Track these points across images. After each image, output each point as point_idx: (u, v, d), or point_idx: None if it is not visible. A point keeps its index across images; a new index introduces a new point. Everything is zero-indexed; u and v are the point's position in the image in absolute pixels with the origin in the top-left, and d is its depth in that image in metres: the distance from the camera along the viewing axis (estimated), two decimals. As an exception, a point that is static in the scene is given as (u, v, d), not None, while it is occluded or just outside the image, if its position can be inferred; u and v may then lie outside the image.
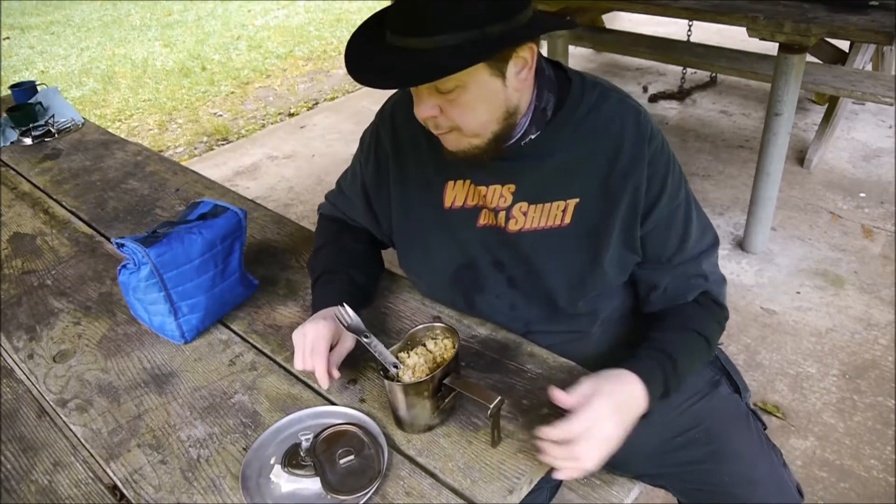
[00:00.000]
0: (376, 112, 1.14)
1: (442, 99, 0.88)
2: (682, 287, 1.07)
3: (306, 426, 0.93)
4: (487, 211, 1.03)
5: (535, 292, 1.05)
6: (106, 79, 5.43)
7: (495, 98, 0.89)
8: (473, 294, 1.09)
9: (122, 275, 1.10)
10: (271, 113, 4.58)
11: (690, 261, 1.05)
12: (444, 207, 1.05)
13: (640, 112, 0.99)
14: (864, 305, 2.37)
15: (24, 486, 0.90)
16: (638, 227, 0.99)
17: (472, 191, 1.03)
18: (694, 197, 1.06)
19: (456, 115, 0.90)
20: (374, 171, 1.12)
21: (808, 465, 1.82)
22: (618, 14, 4.92)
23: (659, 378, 0.96)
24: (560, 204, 0.99)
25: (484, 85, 0.87)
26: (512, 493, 0.82)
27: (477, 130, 0.92)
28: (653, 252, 1.03)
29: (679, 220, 1.02)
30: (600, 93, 0.99)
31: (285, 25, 6.63)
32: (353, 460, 0.86)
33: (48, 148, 1.91)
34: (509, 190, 1.00)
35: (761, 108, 3.81)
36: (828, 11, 2.23)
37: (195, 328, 1.12)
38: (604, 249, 1.00)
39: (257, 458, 0.89)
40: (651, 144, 0.97)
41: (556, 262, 1.01)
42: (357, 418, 0.93)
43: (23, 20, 7.45)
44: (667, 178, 0.98)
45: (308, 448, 0.86)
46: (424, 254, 1.10)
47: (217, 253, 1.13)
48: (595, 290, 1.03)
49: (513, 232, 1.01)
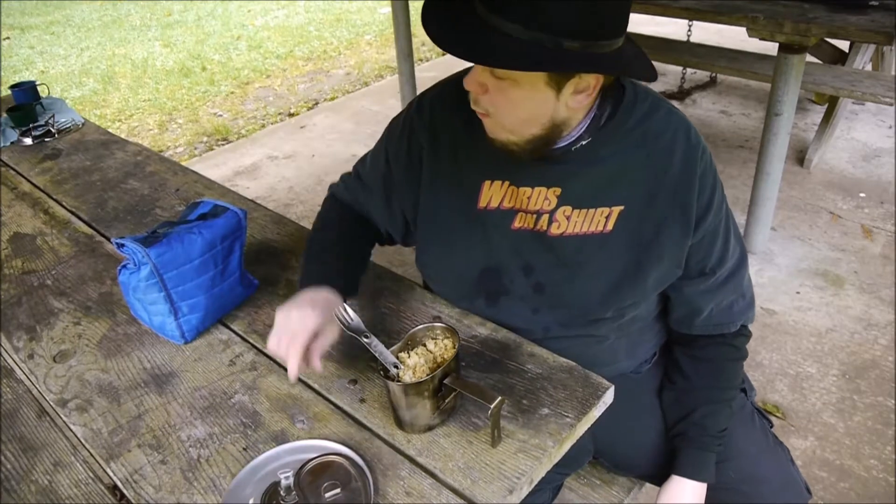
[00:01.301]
0: (408, 104, 1.11)
1: (493, 82, 0.86)
2: (725, 315, 1.10)
3: (284, 463, 0.89)
4: (525, 214, 1.01)
5: (564, 297, 1.03)
6: (106, 79, 5.43)
7: (542, 106, 0.87)
8: (498, 296, 1.07)
9: (121, 275, 1.10)
10: (271, 113, 4.58)
11: (730, 277, 1.06)
12: (478, 208, 1.03)
13: (691, 127, 0.99)
14: (863, 305, 2.37)
15: (25, 486, 0.90)
16: (690, 238, 0.99)
17: (510, 192, 1.01)
18: (729, 207, 1.07)
19: (497, 103, 0.88)
20: (405, 161, 1.09)
21: (807, 465, 1.82)
22: (618, 14, 4.91)
23: (711, 462, 1.11)
24: (604, 210, 0.98)
25: (536, 90, 0.85)
26: (512, 493, 0.82)
27: (512, 127, 0.90)
28: (696, 265, 1.03)
29: (721, 231, 1.03)
30: (651, 103, 0.98)
31: (285, 25, 6.63)
32: (339, 494, 0.82)
33: (48, 148, 1.91)
34: (554, 193, 0.98)
35: (761, 108, 3.81)
36: (828, 11, 2.23)
37: (195, 328, 1.12)
38: (650, 262, 0.99)
39: (235, 498, 0.85)
40: (702, 161, 0.97)
41: (594, 268, 1.00)
42: (340, 451, 0.88)
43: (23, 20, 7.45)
44: (714, 192, 0.99)
45: (289, 485, 0.82)
46: (449, 253, 1.08)
47: (217, 253, 1.13)
48: (630, 300, 1.03)
49: (554, 236, 1.00)
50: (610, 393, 0.95)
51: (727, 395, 1.12)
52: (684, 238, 0.99)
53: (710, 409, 1.11)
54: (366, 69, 5.28)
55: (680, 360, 1.15)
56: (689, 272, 1.04)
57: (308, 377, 1.03)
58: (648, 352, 1.19)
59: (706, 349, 1.12)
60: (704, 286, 1.05)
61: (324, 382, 1.02)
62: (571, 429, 0.89)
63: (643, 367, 1.20)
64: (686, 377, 1.14)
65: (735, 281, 1.07)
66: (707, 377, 1.12)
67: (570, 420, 0.90)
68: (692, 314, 1.08)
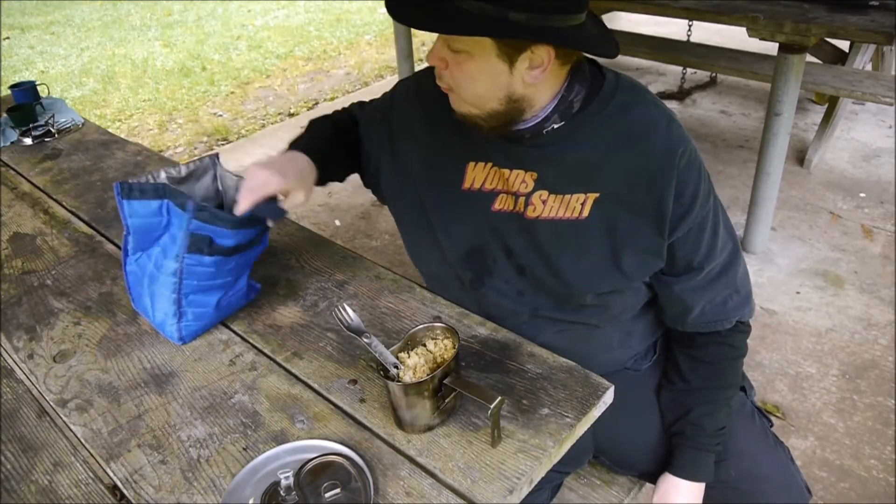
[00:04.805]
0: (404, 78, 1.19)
1: (451, 56, 0.91)
2: (719, 312, 1.08)
3: (284, 463, 0.89)
4: (506, 195, 1.03)
5: (545, 281, 1.05)
6: (106, 79, 5.43)
7: (497, 80, 0.90)
8: (483, 276, 1.09)
9: (132, 263, 1.09)
10: (271, 113, 4.58)
11: (722, 273, 1.05)
12: (463, 188, 1.05)
13: (673, 120, 0.98)
14: (863, 305, 2.37)
15: (24, 486, 0.90)
16: (665, 236, 0.99)
17: (493, 173, 1.03)
18: (720, 202, 1.06)
19: (456, 77, 0.93)
20: (402, 121, 1.13)
21: (807, 465, 1.82)
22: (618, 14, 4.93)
23: (709, 462, 1.12)
24: (580, 197, 0.99)
25: (488, 62, 0.88)
26: (512, 493, 0.82)
27: (471, 101, 0.94)
28: (683, 259, 1.02)
29: (708, 225, 1.02)
30: (634, 94, 0.98)
31: (285, 25, 6.63)
32: (339, 494, 0.82)
33: (48, 148, 1.91)
34: (532, 177, 1.00)
35: (761, 108, 3.81)
36: (828, 11, 2.23)
37: (194, 333, 1.12)
38: (624, 251, 0.99)
39: (234, 498, 0.85)
40: (681, 156, 0.96)
41: (570, 254, 1.01)
42: (340, 451, 0.88)
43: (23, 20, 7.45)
44: (698, 187, 0.98)
45: (288, 485, 0.82)
46: (434, 233, 1.10)
47: (236, 270, 1.13)
48: (609, 287, 1.03)
49: (530, 218, 1.01)
50: (610, 393, 0.95)
51: (726, 395, 1.12)
52: (660, 229, 0.98)
53: (708, 408, 1.11)
54: (366, 69, 5.28)
55: (678, 361, 1.15)
56: (677, 268, 1.03)
57: (308, 377, 1.03)
58: (644, 342, 1.19)
59: (704, 350, 1.12)
60: (694, 282, 1.04)
61: (324, 382, 1.02)
62: (571, 429, 0.89)
63: (642, 363, 1.20)
64: (684, 379, 1.14)
65: (728, 276, 1.06)
66: (705, 378, 1.12)
67: (570, 420, 0.90)
68: (684, 311, 1.08)
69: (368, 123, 1.21)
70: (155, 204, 1.04)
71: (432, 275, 1.21)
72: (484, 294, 1.10)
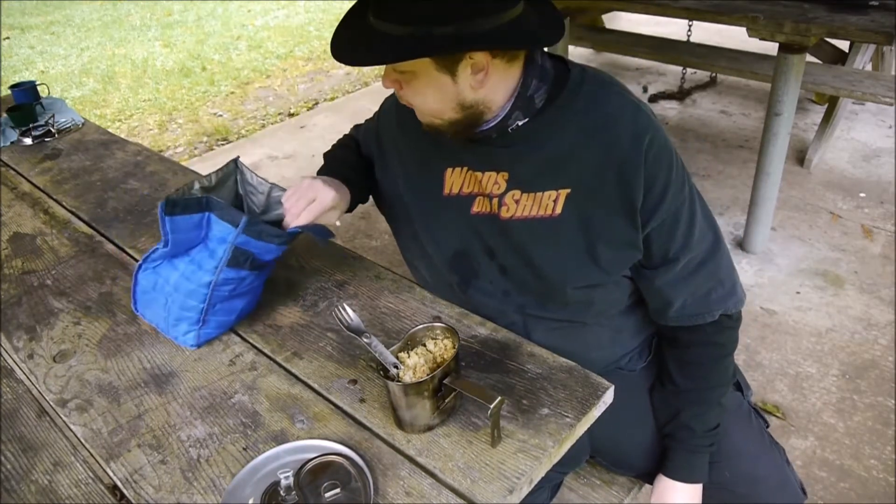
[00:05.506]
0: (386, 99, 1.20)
1: (399, 77, 0.94)
2: (702, 304, 1.06)
3: (284, 463, 0.89)
4: (483, 198, 1.04)
5: (527, 280, 1.05)
6: (106, 79, 5.43)
7: (444, 92, 0.92)
8: (469, 278, 1.10)
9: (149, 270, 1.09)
10: (271, 113, 4.58)
11: (702, 264, 1.04)
12: (444, 194, 1.07)
13: (640, 109, 0.97)
14: (863, 305, 2.37)
15: (24, 486, 0.90)
16: (637, 227, 0.98)
17: (469, 177, 1.04)
18: (698, 192, 1.05)
19: (409, 95, 0.96)
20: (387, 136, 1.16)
21: (807, 465, 1.82)
22: (618, 14, 4.92)
23: (703, 463, 1.12)
24: (552, 194, 0.98)
25: (431, 77, 0.91)
26: (512, 493, 0.82)
27: (430, 113, 0.97)
28: (659, 250, 1.01)
29: (684, 216, 1.00)
30: (600, 86, 0.97)
31: (285, 25, 6.63)
32: (339, 494, 0.82)
33: (48, 148, 1.91)
34: (503, 177, 1.01)
35: (761, 108, 3.81)
36: (828, 11, 2.23)
37: (208, 336, 1.12)
38: (599, 245, 0.99)
39: (234, 498, 0.85)
40: (650, 145, 0.94)
41: (547, 252, 1.01)
42: (340, 451, 0.88)
43: (23, 20, 7.45)
44: (670, 176, 0.97)
45: (288, 485, 0.82)
46: (420, 238, 1.13)
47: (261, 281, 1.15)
48: (588, 282, 1.03)
49: (505, 219, 1.02)
50: (610, 393, 0.95)
51: (716, 394, 1.11)
52: (633, 220, 0.97)
53: (698, 409, 1.10)
54: (366, 69, 5.28)
55: (667, 363, 1.14)
56: (654, 259, 1.02)
57: (308, 377, 1.03)
58: (635, 339, 1.18)
59: (690, 350, 1.10)
60: (673, 274, 1.02)
61: (324, 382, 1.02)
62: (571, 429, 0.89)
63: (637, 363, 1.20)
64: (673, 381, 1.13)
65: (709, 268, 1.04)
66: (693, 379, 1.11)
67: (569, 420, 0.90)
68: (666, 305, 1.06)
69: (365, 143, 1.25)
70: (196, 217, 1.03)
71: (425, 282, 1.23)
72: (472, 296, 1.12)
